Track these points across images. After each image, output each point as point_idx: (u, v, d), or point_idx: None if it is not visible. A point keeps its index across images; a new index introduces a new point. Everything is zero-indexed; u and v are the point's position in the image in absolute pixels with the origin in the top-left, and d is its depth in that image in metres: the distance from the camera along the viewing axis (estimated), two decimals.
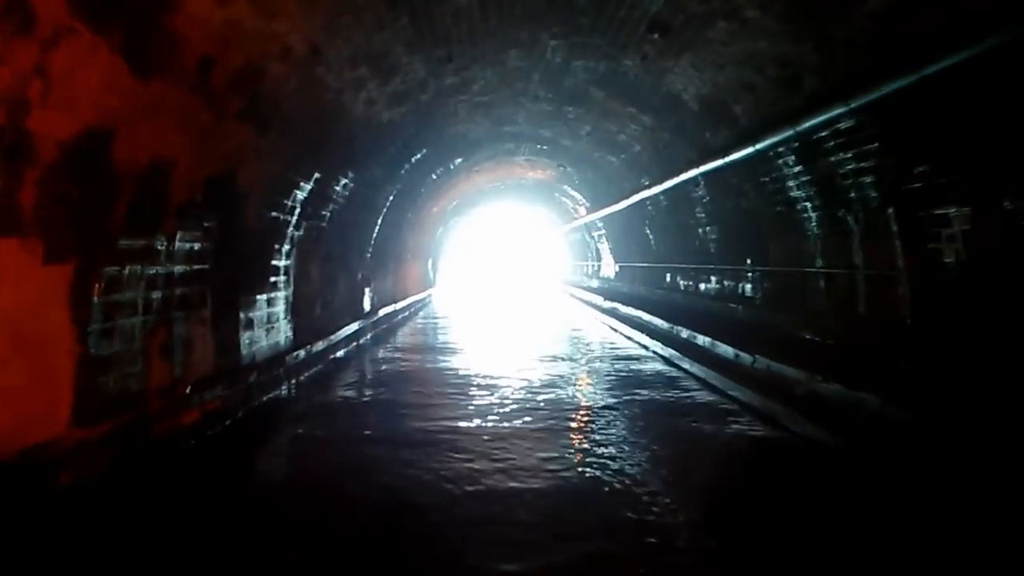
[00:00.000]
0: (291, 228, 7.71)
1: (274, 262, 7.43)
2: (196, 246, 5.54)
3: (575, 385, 8.18)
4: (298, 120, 6.51)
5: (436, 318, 17.12)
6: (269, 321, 7.36)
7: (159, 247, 4.97)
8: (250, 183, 6.20)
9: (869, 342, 6.72)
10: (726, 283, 10.59)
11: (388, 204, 12.61)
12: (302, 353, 8.21)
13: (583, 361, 9.90)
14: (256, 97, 5.47)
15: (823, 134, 6.58)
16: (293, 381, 8.02)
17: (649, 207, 14.02)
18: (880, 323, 6.57)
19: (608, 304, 15.82)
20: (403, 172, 11.98)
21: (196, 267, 5.61)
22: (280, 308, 7.71)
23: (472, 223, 34.04)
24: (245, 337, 6.75)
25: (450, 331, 14.12)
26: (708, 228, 11.03)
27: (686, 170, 10.08)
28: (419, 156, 11.95)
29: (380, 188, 11.34)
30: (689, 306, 12.08)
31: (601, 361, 9.85)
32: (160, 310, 5.10)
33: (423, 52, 7.15)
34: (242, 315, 6.66)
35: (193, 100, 4.70)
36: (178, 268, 5.32)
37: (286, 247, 7.71)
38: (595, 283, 23.77)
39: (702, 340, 8.72)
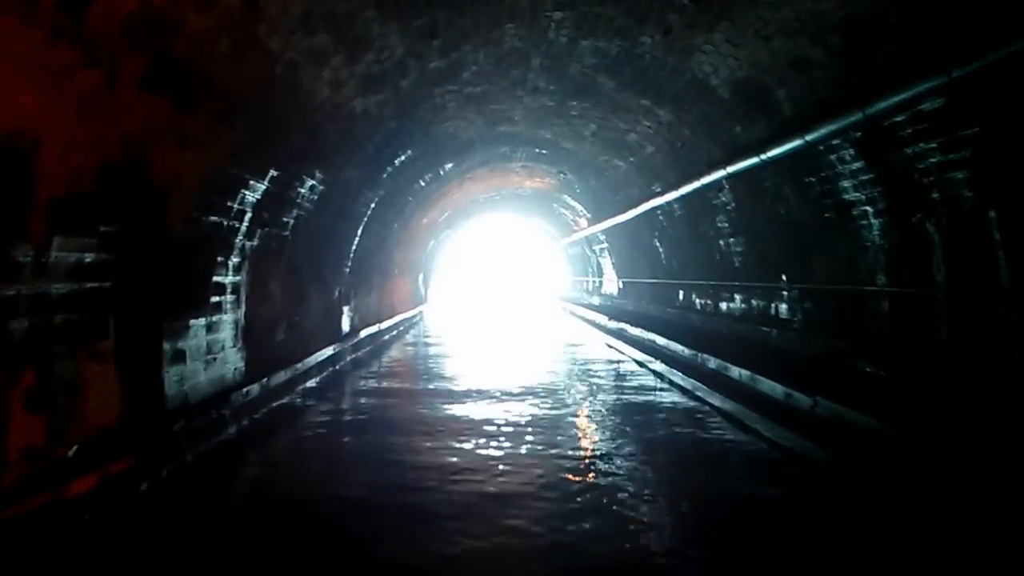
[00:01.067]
0: (240, 237, 6.33)
1: (217, 278, 6.04)
2: (89, 258, 4.15)
3: (593, 441, 6.80)
4: (240, 98, 5.16)
5: (427, 341, 15.70)
6: (210, 351, 5.96)
7: (21, 259, 3.59)
8: (172, 177, 4.83)
9: (958, 379, 5.35)
10: (755, 303, 9.24)
11: (369, 213, 11.25)
12: (255, 388, 6.79)
13: (597, 402, 8.50)
14: (169, 59, 4.11)
15: (898, 119, 5.26)
16: (244, 423, 6.59)
17: (660, 217, 12.71)
18: (972, 355, 5.22)
19: (614, 324, 14.45)
20: (385, 176, 10.64)
21: (90, 285, 4.22)
22: (227, 334, 6.31)
23: (466, 236, 32.76)
24: (172, 373, 5.34)
25: (442, 358, 12.72)
26: (732, 239, 9.70)
27: (708, 173, 8.79)
28: (403, 158, 10.62)
29: (359, 193, 9.98)
30: (710, 329, 10.71)
31: (616, 411, 8.44)
32: (24, 344, 3.70)
33: (400, 21, 5.82)
34: (168, 345, 5.26)
35: (62, 52, 3.34)
36: (58, 287, 3.93)
37: (234, 260, 6.32)
38: (596, 300, 22.43)
39: (737, 373, 7.33)
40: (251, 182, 6.12)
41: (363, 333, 12.22)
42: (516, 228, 34.06)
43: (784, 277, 8.23)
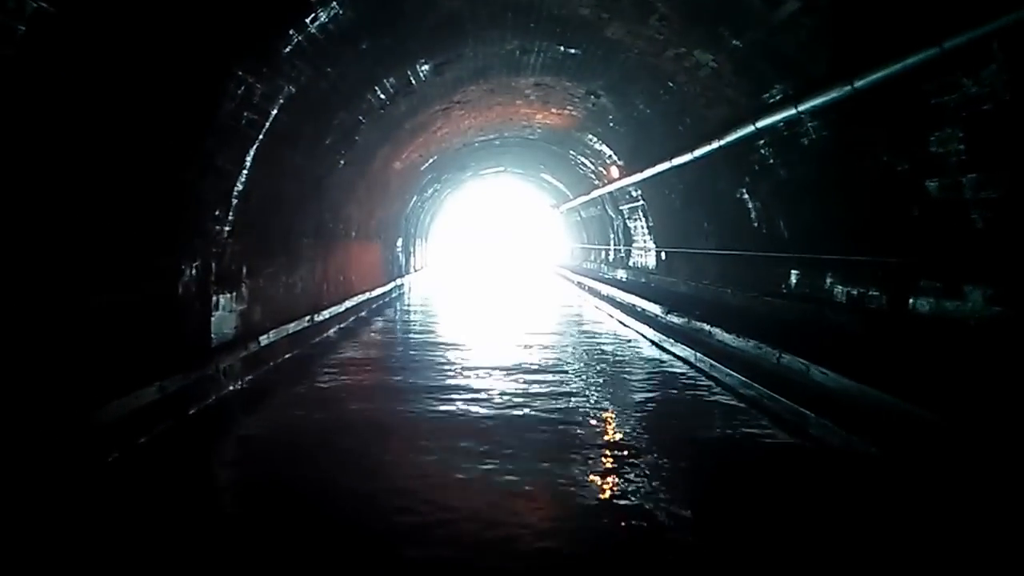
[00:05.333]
0: None
1: None
2: None
3: None
4: None
5: (399, 338, 10.87)
6: None
7: None
8: None
9: None
10: None
11: (269, 124, 6.27)
12: None
13: None
14: None
15: None
16: None
17: (763, 151, 7.78)
18: None
19: (677, 320, 9.51)
20: (289, 52, 5.65)
21: None
22: None
23: (461, 198, 27.67)
24: None
25: (413, 375, 7.96)
26: (974, 176, 4.80)
27: (950, 36, 3.96)
28: (326, 19, 5.62)
29: (215, 66, 5.01)
30: (899, 348, 5.80)
31: None
32: None
33: None
34: None
35: None
36: None
37: None
38: (622, 274, 17.54)
39: None
40: None
41: (268, 338, 7.32)
42: (520, 190, 28.95)
43: None
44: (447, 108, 11.56)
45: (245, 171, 6.18)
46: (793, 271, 7.93)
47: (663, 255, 13.71)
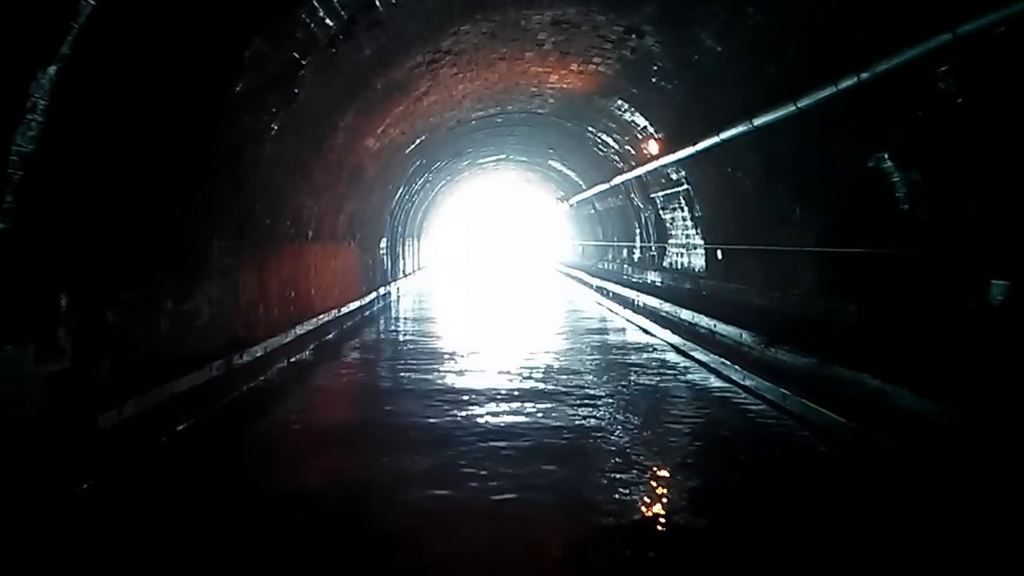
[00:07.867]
0: None
1: None
2: None
3: None
4: None
5: (373, 378, 7.89)
6: None
7: None
8: None
9: None
10: None
11: (81, 25, 3.20)
12: None
13: None
14: None
15: None
16: None
17: (943, 83, 4.72)
18: None
19: (790, 359, 6.35)
20: None
21: None
22: None
23: (455, 188, 24.51)
24: None
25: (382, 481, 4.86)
26: None
27: None
28: None
29: None
30: None
31: None
32: None
33: None
34: None
35: None
36: None
37: None
38: (654, 278, 14.46)
39: None
40: None
41: (119, 414, 4.29)
42: (523, 183, 25.86)
43: None
44: (433, 61, 8.52)
45: (37, 115, 3.14)
46: (995, 281, 4.89)
47: (719, 254, 10.66)
